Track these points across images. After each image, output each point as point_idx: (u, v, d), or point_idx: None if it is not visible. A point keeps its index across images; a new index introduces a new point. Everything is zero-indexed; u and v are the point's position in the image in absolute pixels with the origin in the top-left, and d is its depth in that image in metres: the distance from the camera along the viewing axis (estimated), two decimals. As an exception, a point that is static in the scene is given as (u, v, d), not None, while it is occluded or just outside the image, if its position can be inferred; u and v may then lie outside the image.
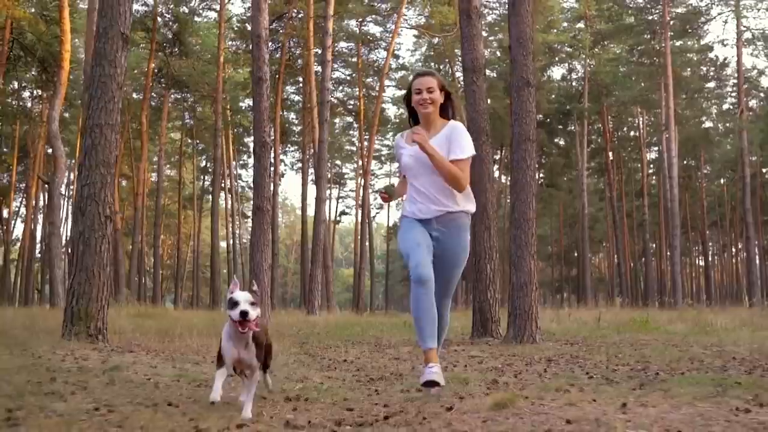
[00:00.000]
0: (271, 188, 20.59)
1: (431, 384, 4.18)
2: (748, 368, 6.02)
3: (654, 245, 54.42)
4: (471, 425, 3.36)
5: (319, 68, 29.15)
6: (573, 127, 45.53)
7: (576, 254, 53.36)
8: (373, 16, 38.49)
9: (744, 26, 38.55)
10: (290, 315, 22.13)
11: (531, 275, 10.09)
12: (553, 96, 45.62)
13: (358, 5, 35.08)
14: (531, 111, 10.35)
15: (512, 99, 10.50)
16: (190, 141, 49.59)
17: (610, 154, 48.20)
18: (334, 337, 11.53)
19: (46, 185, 27.42)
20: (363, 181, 42.56)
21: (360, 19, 38.52)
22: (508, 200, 31.55)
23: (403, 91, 26.85)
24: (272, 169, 49.56)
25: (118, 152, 8.00)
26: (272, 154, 52.97)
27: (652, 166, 53.35)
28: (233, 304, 3.76)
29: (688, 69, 42.78)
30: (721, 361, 6.73)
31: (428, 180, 4.46)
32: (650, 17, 39.65)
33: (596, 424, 3.25)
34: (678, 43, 40.41)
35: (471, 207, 4.62)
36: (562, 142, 49.90)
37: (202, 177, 54.07)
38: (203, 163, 53.80)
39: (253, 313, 3.72)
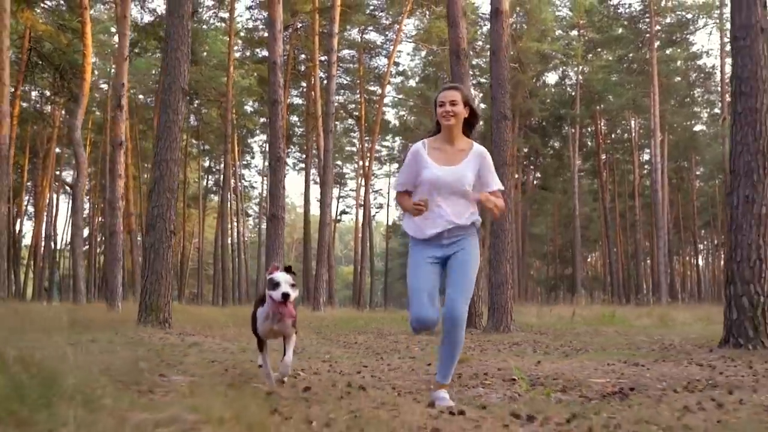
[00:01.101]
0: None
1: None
2: (658, 349, 8.32)
3: (648, 244, 56.60)
4: (416, 353, 5.70)
5: (323, 75, 31.49)
6: (566, 130, 47.74)
7: (571, 253, 55.50)
8: (375, 25, 40.69)
9: (727, 37, 40.91)
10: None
11: (507, 276, 12.45)
12: (548, 100, 47.80)
13: (360, 15, 37.25)
14: (507, 140, 12.70)
15: (492, 130, 12.82)
16: (194, 142, 51.74)
17: (603, 156, 50.48)
18: (342, 328, 13.86)
19: (70, 188, 29.54)
20: (364, 182, 44.91)
21: (362, 27, 40.66)
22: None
23: (401, 96, 29.48)
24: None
25: (128, 157, 10.29)
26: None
27: (647, 166, 55.58)
28: (274, 284, 4.18)
29: (677, 77, 45.00)
30: (648, 345, 9.02)
31: (447, 200, 4.48)
32: (640, 25, 41.95)
33: (513, 369, 5.57)
34: (668, 51, 42.58)
35: (478, 218, 4.63)
36: (557, 144, 52.03)
37: (206, 177, 56.20)
38: (206, 163, 55.92)
39: (293, 294, 4.14)
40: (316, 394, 4.24)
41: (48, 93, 38.29)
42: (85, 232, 46.46)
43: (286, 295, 4.10)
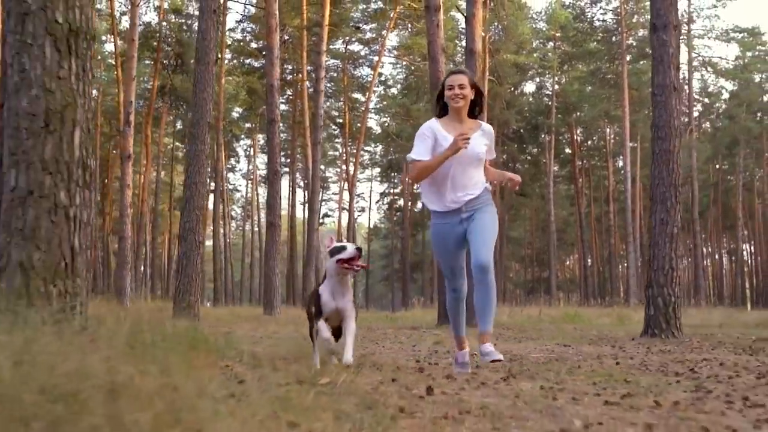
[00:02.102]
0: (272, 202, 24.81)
1: (462, 365, 5.29)
2: (594, 338, 10.61)
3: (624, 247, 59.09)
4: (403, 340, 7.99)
5: (309, 86, 33.76)
6: (543, 138, 50.23)
7: (547, 256, 57.92)
8: (359, 35, 42.94)
9: (695, 53, 43.77)
10: (288, 310, 26.56)
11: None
12: (526, 108, 50.27)
13: (345, 29, 39.53)
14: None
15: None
16: (179, 145, 53.74)
17: (579, 162, 53.05)
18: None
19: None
20: (347, 187, 47.22)
21: (347, 39, 42.89)
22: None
23: (385, 104, 31.97)
24: (250, 174, 54.06)
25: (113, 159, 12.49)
26: (254, 159, 57.36)
27: (622, 172, 58.11)
28: (341, 248, 4.69)
29: (648, 89, 47.54)
30: (594, 335, 11.29)
31: (462, 171, 4.89)
32: (613, 38, 44.55)
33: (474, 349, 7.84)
34: (640, 64, 45.10)
35: (489, 185, 5.11)
36: (534, 151, 54.43)
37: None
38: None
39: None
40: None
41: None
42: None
43: (359, 249, 4.73)
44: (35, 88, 4.66)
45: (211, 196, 50.93)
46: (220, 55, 38.80)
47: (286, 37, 38.20)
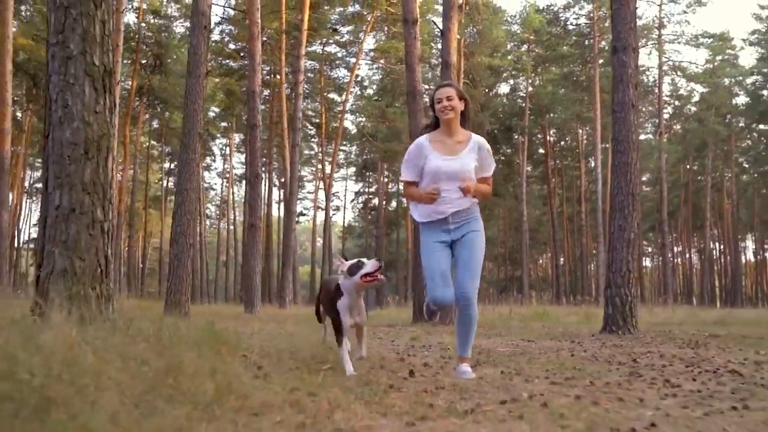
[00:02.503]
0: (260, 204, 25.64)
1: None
2: (558, 334, 11.59)
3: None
4: (382, 336, 8.93)
5: (287, 87, 34.61)
6: (516, 138, 51.38)
7: (520, 255, 59.11)
8: (336, 38, 43.81)
9: (665, 57, 45.12)
10: (266, 308, 27.37)
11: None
12: (500, 109, 51.36)
13: (323, 30, 40.38)
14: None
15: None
16: (155, 144, 54.37)
17: (552, 163, 54.29)
18: (317, 322, 16.96)
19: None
20: (323, 186, 48.11)
21: (324, 41, 43.77)
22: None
23: (360, 104, 33.03)
24: (226, 173, 54.80)
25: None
26: (229, 158, 58.09)
27: (594, 173, 59.40)
28: (359, 265, 4.86)
29: (619, 91, 48.87)
30: (559, 332, 12.26)
31: (447, 185, 4.98)
32: (586, 42, 45.74)
33: (433, 342, 8.79)
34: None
35: (474, 199, 5.15)
36: (508, 151, 55.53)
37: (166, 178, 58.66)
38: (167, 165, 58.37)
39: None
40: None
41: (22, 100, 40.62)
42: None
43: (380, 259, 4.93)
44: (76, 121, 5.55)
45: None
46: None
47: (265, 39, 38.95)
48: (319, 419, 3.02)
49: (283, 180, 45.63)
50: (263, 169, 50.69)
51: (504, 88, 54.18)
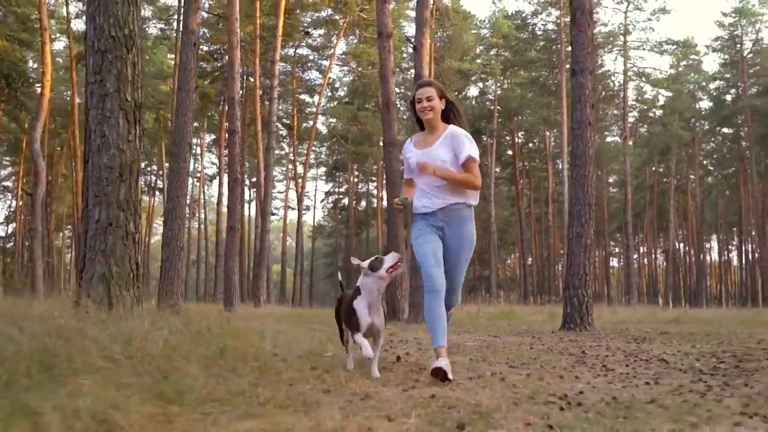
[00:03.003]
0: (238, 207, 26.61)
1: (438, 371, 4.64)
2: (522, 331, 12.81)
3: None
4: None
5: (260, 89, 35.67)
6: (485, 140, 52.75)
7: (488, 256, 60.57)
8: (308, 41, 44.93)
9: (630, 63, 46.86)
10: (242, 307, 28.37)
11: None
12: (469, 112, 52.68)
13: (296, 34, 41.45)
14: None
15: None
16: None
17: (520, 164, 55.77)
18: (295, 320, 18.05)
19: (30, 196, 32.83)
20: (295, 186, 49.17)
21: (296, 43, 44.84)
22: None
23: (332, 105, 34.12)
24: (197, 170, 55.66)
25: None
26: (200, 158, 58.86)
27: (561, 174, 61.03)
28: (379, 261, 5.00)
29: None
30: (523, 330, 13.47)
31: (429, 179, 5.14)
32: (553, 47, 47.23)
33: (409, 338, 9.96)
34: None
35: (472, 200, 5.26)
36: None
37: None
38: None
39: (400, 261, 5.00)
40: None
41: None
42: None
43: (398, 257, 5.05)
44: (112, 148, 6.66)
45: (158, 194, 52.59)
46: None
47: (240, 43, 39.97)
48: (338, 387, 4.17)
49: (254, 180, 46.67)
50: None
51: (473, 91, 55.71)
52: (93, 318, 5.32)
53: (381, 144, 49.04)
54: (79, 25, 38.97)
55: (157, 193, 54.96)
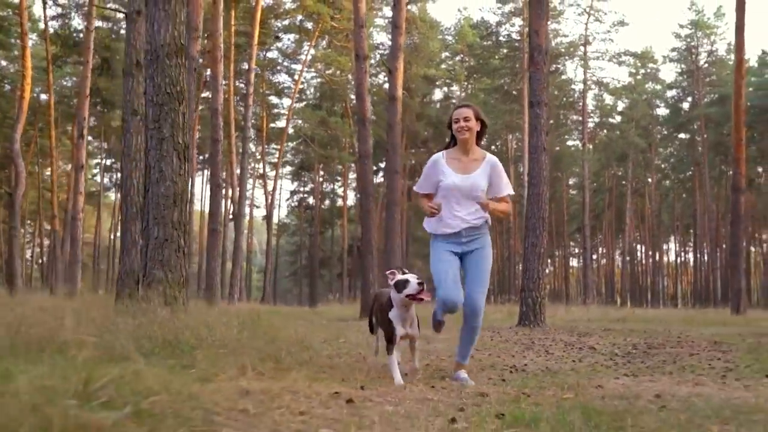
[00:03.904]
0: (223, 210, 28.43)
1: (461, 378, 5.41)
2: (483, 327, 14.97)
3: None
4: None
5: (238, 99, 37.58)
6: (449, 142, 54.87)
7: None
8: (277, 45, 46.93)
9: (590, 73, 49.61)
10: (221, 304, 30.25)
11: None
12: (434, 115, 54.87)
13: (267, 39, 43.34)
14: (396, 188, 19.28)
15: (387, 180, 19.37)
16: (90, 139, 56.44)
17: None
18: (281, 317, 20.08)
19: (10, 195, 34.25)
20: (265, 187, 51.09)
21: (266, 47, 46.69)
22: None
23: (301, 105, 36.25)
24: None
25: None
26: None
27: (521, 177, 63.54)
28: (404, 282, 5.19)
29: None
30: (484, 326, 15.60)
31: (463, 203, 5.39)
32: (516, 53, 49.62)
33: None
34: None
35: (487, 216, 5.50)
36: (441, 155, 58.97)
37: (103, 174, 60.64)
38: (102, 161, 60.34)
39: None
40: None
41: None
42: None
43: (422, 284, 5.11)
44: (168, 181, 8.64)
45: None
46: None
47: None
48: (366, 360, 6.28)
49: (224, 177, 48.43)
50: (201, 164, 53.46)
51: (438, 95, 57.97)
52: (170, 313, 7.33)
53: (346, 147, 51.41)
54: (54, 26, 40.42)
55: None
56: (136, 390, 2.69)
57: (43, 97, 49.22)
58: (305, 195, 64.29)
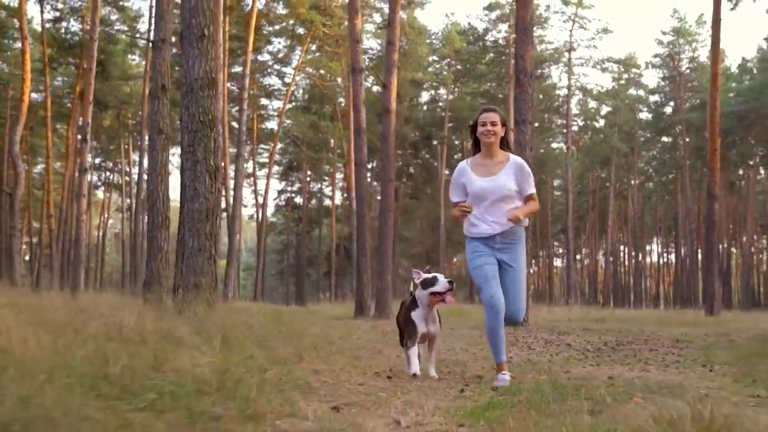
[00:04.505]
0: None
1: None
2: (471, 326, 16.42)
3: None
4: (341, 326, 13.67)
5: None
6: (436, 144, 56.61)
7: (437, 254, 64.21)
8: (269, 48, 48.32)
9: (574, 78, 51.38)
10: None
11: (387, 282, 20.44)
12: (421, 116, 56.37)
13: (258, 43, 44.64)
14: (390, 194, 20.71)
15: (381, 187, 20.80)
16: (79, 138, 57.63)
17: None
18: (283, 315, 21.49)
19: (9, 196, 35.37)
20: (255, 186, 52.43)
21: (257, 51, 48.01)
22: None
23: (290, 106, 37.65)
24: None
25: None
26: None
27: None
28: (432, 280, 5.48)
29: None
30: (472, 324, 17.08)
31: (493, 206, 5.56)
32: (503, 57, 51.22)
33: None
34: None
35: (525, 222, 5.73)
36: (426, 156, 60.65)
37: (93, 172, 61.61)
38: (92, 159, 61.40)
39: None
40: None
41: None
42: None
43: (452, 282, 5.41)
44: (201, 198, 10.05)
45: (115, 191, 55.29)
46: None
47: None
48: (382, 353, 7.72)
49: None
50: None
51: (425, 97, 59.55)
52: (207, 311, 8.74)
53: (334, 149, 52.81)
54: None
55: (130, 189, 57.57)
56: (251, 368, 4.13)
57: (34, 96, 50.64)
58: (293, 194, 65.51)
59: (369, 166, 46.99)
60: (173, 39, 15.61)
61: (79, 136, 28.93)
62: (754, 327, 15.67)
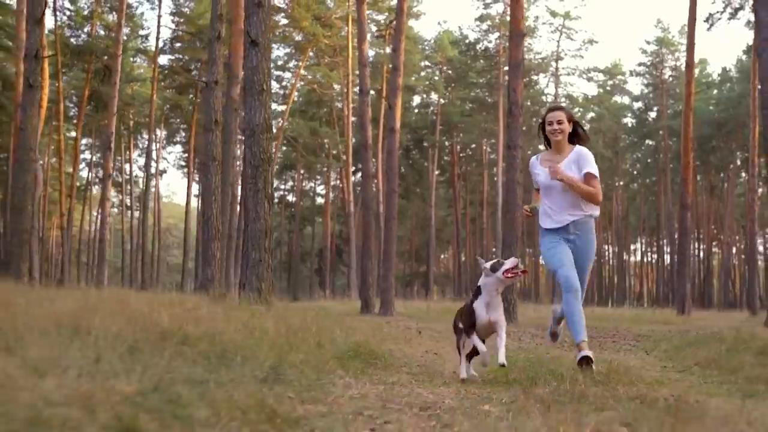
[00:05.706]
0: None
1: (586, 359, 5.83)
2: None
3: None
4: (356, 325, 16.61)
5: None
6: (427, 146, 59.39)
7: (426, 252, 66.81)
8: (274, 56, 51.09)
9: (561, 86, 54.47)
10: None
11: (391, 282, 23.32)
12: (414, 119, 59.02)
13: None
14: (395, 203, 23.62)
15: (386, 199, 23.70)
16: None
17: (458, 169, 62.49)
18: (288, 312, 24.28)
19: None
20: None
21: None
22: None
23: (285, 107, 40.50)
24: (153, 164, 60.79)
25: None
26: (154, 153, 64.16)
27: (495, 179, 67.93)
28: (499, 263, 5.63)
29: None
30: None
31: (560, 196, 5.98)
32: (493, 62, 54.05)
33: (400, 326, 16.47)
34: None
35: (596, 212, 6.13)
36: (417, 156, 63.36)
37: (95, 170, 63.93)
38: (88, 156, 63.69)
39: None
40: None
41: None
42: None
43: (516, 261, 5.66)
44: (261, 219, 12.93)
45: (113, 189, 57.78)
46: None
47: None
48: (416, 336, 10.64)
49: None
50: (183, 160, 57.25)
51: (416, 100, 62.17)
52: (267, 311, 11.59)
53: (330, 153, 55.50)
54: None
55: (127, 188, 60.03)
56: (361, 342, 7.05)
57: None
58: (285, 192, 68.06)
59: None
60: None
61: (91, 142, 31.44)
62: (713, 326, 17.92)
